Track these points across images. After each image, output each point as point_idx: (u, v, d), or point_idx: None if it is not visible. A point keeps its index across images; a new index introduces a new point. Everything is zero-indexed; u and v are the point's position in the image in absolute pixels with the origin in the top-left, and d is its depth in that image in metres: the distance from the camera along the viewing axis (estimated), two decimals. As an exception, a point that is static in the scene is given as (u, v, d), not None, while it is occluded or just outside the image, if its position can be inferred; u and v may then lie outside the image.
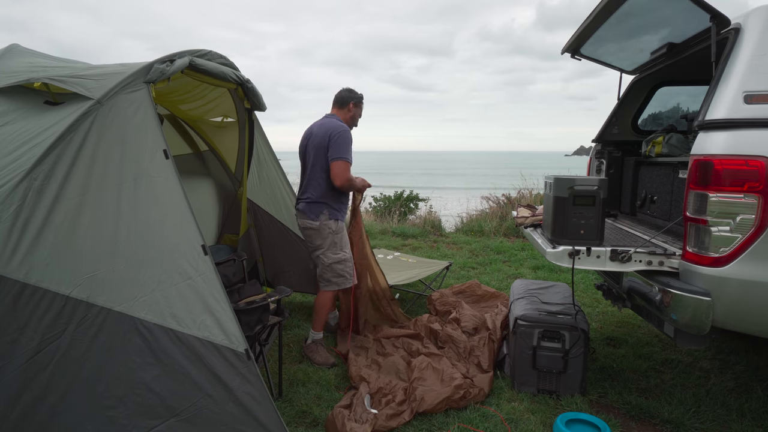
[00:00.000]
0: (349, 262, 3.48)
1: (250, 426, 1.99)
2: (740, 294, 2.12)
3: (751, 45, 2.19)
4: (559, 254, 2.47)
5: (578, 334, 2.86)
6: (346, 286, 3.48)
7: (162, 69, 2.36)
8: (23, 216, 1.95)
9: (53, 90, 2.32)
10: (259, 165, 4.08)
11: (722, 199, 2.11)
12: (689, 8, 2.37)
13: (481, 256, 6.64)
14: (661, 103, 3.89)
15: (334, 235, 3.40)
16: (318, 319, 3.49)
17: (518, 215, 3.42)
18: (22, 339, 1.89)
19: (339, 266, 3.42)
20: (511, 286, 3.82)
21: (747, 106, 2.11)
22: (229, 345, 2.04)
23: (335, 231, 3.40)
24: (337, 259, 3.41)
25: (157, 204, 2.19)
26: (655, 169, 3.32)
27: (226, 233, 4.32)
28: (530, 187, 9.70)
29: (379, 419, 2.55)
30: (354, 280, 3.54)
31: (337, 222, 3.41)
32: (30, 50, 2.98)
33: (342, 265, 3.43)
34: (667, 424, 2.66)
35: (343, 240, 3.46)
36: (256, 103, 3.53)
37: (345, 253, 3.45)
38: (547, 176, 2.78)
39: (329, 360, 3.34)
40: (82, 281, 1.98)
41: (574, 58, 3.46)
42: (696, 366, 3.33)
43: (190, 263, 2.12)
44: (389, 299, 3.91)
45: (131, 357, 1.97)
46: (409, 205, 10.61)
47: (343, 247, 3.45)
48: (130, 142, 2.22)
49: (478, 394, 2.84)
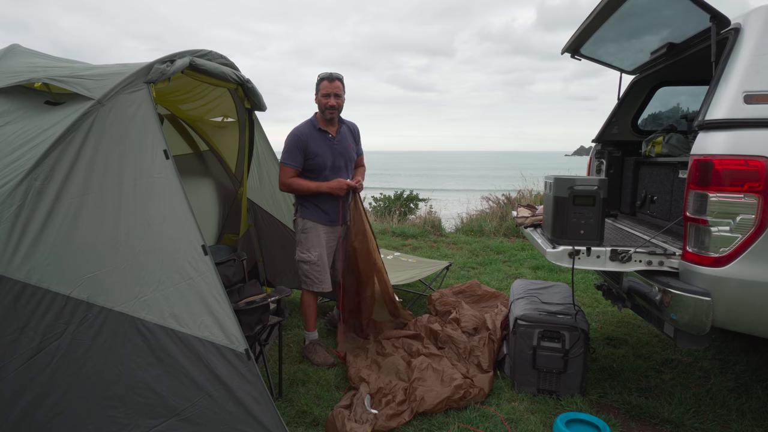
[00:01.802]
0: (315, 266, 3.31)
1: (250, 426, 1.99)
2: (740, 294, 2.13)
3: (751, 45, 2.19)
4: (559, 254, 2.48)
5: (578, 334, 2.86)
6: (314, 289, 3.37)
7: (162, 69, 2.36)
8: (24, 216, 1.95)
9: (54, 90, 2.32)
10: (259, 165, 4.08)
11: (722, 199, 2.11)
12: (689, 8, 2.37)
13: (481, 256, 6.64)
14: (661, 103, 3.89)
15: (300, 233, 3.36)
16: (305, 319, 3.47)
17: (518, 215, 3.42)
18: (22, 339, 1.90)
19: (303, 266, 3.35)
20: (511, 286, 3.82)
21: (747, 106, 2.11)
22: (229, 345, 2.05)
23: (302, 229, 3.35)
24: (301, 258, 3.36)
25: (157, 204, 2.19)
26: (655, 169, 3.32)
27: (226, 233, 4.32)
28: (530, 187, 9.71)
29: (379, 419, 2.55)
30: (326, 287, 3.37)
31: (304, 221, 3.32)
32: (30, 50, 2.98)
33: (306, 266, 3.33)
34: (667, 424, 2.66)
35: (309, 241, 3.32)
36: (256, 103, 3.53)
37: (310, 255, 3.31)
38: (547, 176, 2.78)
39: (328, 360, 3.32)
40: (83, 281, 1.98)
41: (574, 58, 3.46)
42: (696, 366, 3.33)
43: (191, 263, 2.13)
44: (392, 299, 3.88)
45: (132, 357, 1.97)
46: (409, 205, 10.63)
47: (308, 249, 3.32)
48: (130, 142, 2.22)
49: (478, 394, 2.84)
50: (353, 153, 3.45)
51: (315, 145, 3.25)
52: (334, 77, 3.22)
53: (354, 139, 3.49)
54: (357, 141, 3.51)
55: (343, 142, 3.38)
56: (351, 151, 3.43)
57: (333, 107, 3.23)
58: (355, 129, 3.52)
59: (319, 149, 3.26)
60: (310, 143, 3.24)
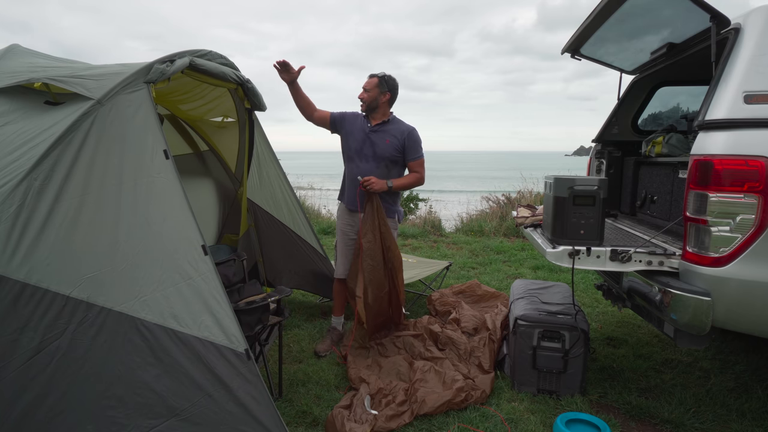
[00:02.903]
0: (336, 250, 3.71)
1: (250, 426, 1.99)
2: (740, 294, 2.12)
3: (751, 45, 2.19)
4: (559, 254, 2.47)
5: (578, 334, 2.86)
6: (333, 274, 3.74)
7: (162, 69, 2.36)
8: (23, 216, 1.95)
9: (53, 90, 2.32)
10: (259, 165, 4.08)
11: (722, 199, 2.11)
12: (689, 8, 2.37)
13: (481, 256, 6.64)
14: (661, 103, 3.89)
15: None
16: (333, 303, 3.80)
17: (518, 215, 3.41)
18: (22, 339, 1.89)
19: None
20: (511, 286, 3.82)
21: (747, 106, 2.11)
22: (229, 345, 2.04)
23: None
24: None
25: (157, 204, 2.19)
26: (655, 169, 3.32)
27: (226, 233, 4.32)
28: (530, 187, 9.71)
29: (379, 420, 2.55)
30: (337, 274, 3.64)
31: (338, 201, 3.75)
32: (30, 50, 2.98)
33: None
34: (667, 424, 2.66)
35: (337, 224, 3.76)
36: (256, 103, 3.53)
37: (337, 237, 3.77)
38: (547, 176, 2.78)
39: (321, 349, 3.50)
40: (83, 281, 1.98)
41: (574, 58, 3.46)
42: (696, 366, 3.33)
43: (191, 263, 2.12)
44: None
45: (132, 357, 1.97)
46: (409, 206, 10.63)
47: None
48: (130, 142, 2.22)
49: (480, 396, 2.83)
50: (388, 150, 3.40)
51: (350, 124, 3.51)
52: (371, 75, 3.48)
53: (397, 139, 3.43)
54: (403, 144, 3.43)
55: (381, 135, 3.42)
56: (386, 147, 3.40)
57: (360, 99, 3.48)
58: (404, 132, 3.44)
59: (352, 129, 3.50)
60: (347, 119, 3.53)
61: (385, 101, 3.42)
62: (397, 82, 3.46)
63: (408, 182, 3.52)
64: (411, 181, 3.52)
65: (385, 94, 3.41)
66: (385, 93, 3.41)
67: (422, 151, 3.50)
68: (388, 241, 3.40)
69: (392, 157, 3.42)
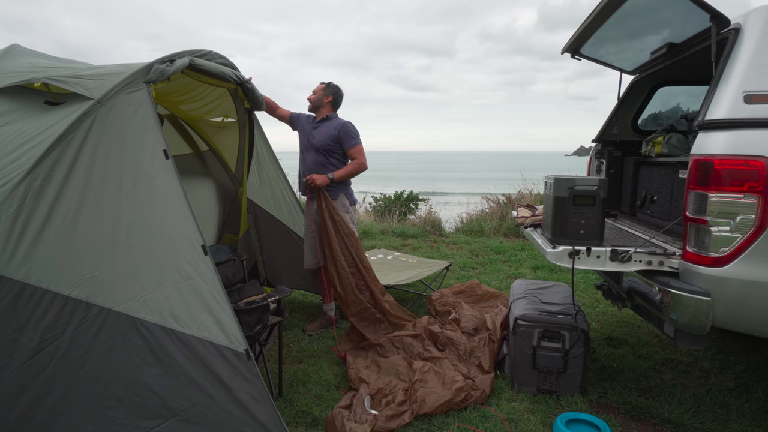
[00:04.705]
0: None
1: (250, 426, 1.99)
2: (740, 294, 2.12)
3: (751, 45, 2.19)
4: (559, 254, 2.47)
5: (578, 334, 2.86)
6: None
7: (162, 69, 2.36)
8: (23, 216, 1.95)
9: (53, 90, 2.32)
10: (259, 165, 4.08)
11: (722, 199, 2.11)
12: (689, 8, 2.37)
13: (481, 256, 6.64)
14: (661, 103, 3.89)
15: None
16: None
17: (518, 215, 3.42)
18: (21, 339, 1.89)
19: None
20: (511, 286, 3.82)
21: (747, 106, 2.11)
22: (229, 345, 2.04)
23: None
24: None
25: (157, 204, 2.19)
26: (655, 169, 3.32)
27: (226, 233, 4.32)
28: (530, 187, 9.70)
29: (379, 420, 2.55)
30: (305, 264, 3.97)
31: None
32: (30, 50, 2.98)
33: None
34: (667, 424, 2.66)
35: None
36: (256, 103, 3.53)
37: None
38: (547, 176, 2.78)
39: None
40: (82, 281, 1.98)
41: (575, 58, 3.46)
42: (696, 366, 3.33)
43: (190, 263, 2.12)
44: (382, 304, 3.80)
45: (131, 357, 1.96)
46: (409, 205, 10.62)
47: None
48: (130, 142, 2.22)
49: (479, 396, 2.83)
50: (323, 140, 3.81)
51: (303, 123, 4.02)
52: (321, 82, 4.01)
53: (332, 131, 3.83)
54: (338, 135, 3.82)
55: (319, 129, 3.87)
56: (321, 138, 3.82)
57: (309, 99, 4.01)
58: (338, 125, 3.85)
59: (303, 127, 4.00)
60: (301, 119, 4.04)
61: (327, 102, 3.93)
62: (341, 90, 3.98)
63: (349, 170, 3.84)
64: (352, 168, 3.85)
65: (328, 96, 3.94)
66: (328, 96, 3.94)
67: (359, 140, 3.85)
68: (345, 228, 3.75)
69: (326, 146, 3.81)
